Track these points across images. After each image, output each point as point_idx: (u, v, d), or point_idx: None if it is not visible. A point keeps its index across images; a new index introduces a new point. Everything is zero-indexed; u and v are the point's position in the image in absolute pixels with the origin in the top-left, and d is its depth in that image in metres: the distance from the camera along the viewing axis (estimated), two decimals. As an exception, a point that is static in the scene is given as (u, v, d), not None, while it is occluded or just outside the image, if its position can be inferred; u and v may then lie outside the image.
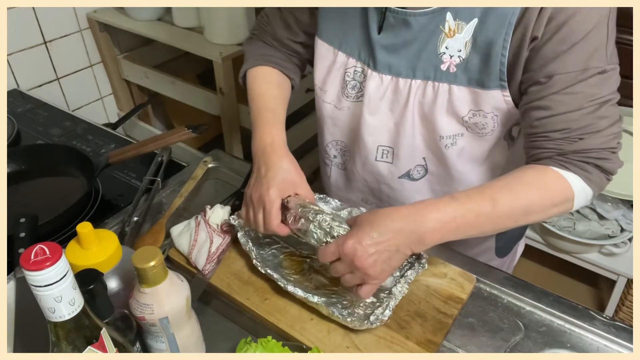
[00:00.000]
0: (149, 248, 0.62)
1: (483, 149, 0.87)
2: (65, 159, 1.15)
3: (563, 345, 0.75)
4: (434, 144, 0.87)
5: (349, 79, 0.90)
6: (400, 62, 0.82)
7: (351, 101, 0.92)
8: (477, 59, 0.77)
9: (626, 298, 1.70)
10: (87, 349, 0.52)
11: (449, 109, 0.82)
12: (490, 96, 0.78)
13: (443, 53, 0.79)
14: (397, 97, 0.85)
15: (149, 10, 1.72)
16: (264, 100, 0.94)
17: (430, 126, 0.85)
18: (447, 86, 0.80)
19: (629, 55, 1.60)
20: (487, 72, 0.76)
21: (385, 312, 0.74)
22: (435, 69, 0.80)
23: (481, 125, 0.82)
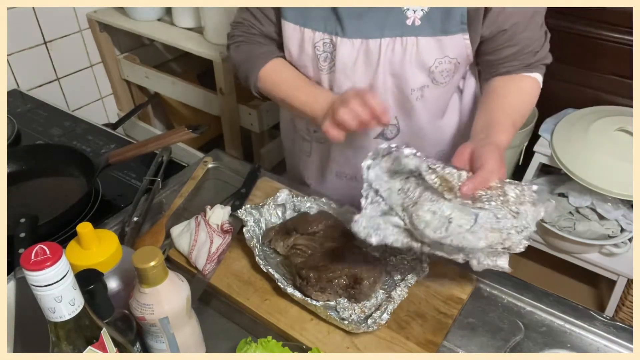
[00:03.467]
0: (149, 248, 0.63)
1: (444, 100, 0.98)
2: (65, 159, 1.15)
3: (563, 345, 0.75)
4: (404, 98, 0.94)
5: (319, 52, 0.93)
6: (369, 24, 0.88)
7: (326, 74, 0.95)
8: (439, 9, 0.85)
9: (626, 298, 1.70)
10: (87, 349, 0.52)
11: (417, 60, 0.88)
12: (453, 41, 0.87)
13: (407, 9, 0.86)
14: (368, 58, 0.90)
15: (149, 10, 1.72)
16: (297, 81, 0.97)
17: (401, 82, 0.91)
18: (414, 39, 0.87)
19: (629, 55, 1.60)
20: (449, 20, 0.85)
21: (383, 316, 0.74)
22: (401, 25, 0.86)
23: (445, 73, 0.91)
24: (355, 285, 0.78)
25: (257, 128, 1.68)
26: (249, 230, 0.87)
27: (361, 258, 0.81)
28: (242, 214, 0.90)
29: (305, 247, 0.85)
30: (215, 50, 1.54)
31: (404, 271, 0.83)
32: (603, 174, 1.55)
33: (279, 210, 0.95)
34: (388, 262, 0.85)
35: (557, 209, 1.74)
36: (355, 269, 0.79)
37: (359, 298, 0.78)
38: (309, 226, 0.87)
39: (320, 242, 0.86)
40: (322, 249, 0.85)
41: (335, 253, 0.83)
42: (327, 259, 0.81)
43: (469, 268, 0.85)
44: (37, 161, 1.16)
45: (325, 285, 0.78)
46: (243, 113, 1.66)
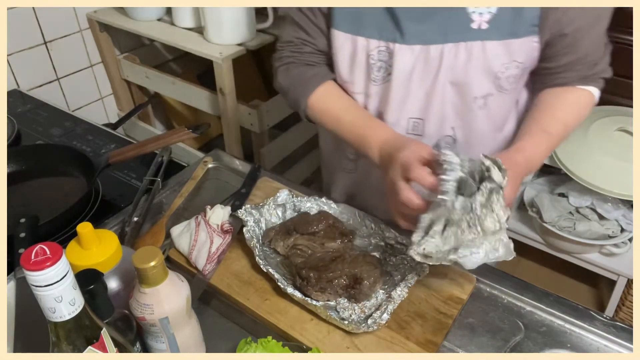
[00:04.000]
0: (149, 248, 0.63)
1: (507, 109, 0.92)
2: (66, 159, 1.15)
3: (563, 345, 0.75)
4: (466, 107, 0.89)
5: (373, 62, 0.89)
6: (430, 29, 0.83)
7: (379, 84, 0.91)
8: (508, 11, 0.80)
9: (626, 298, 1.70)
10: (87, 349, 0.52)
11: (483, 66, 0.84)
12: (522, 44, 0.82)
13: (473, 12, 0.81)
14: (427, 66, 0.86)
15: (149, 10, 1.72)
16: (349, 113, 0.92)
17: (463, 89, 0.87)
18: (480, 44, 0.82)
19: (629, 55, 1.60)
20: (519, 21, 0.80)
21: (384, 316, 0.74)
22: (466, 29, 0.81)
23: (512, 79, 0.86)
24: (355, 285, 0.78)
25: (257, 128, 1.68)
26: (249, 230, 0.87)
27: (361, 258, 0.81)
28: (242, 214, 0.90)
29: (305, 247, 0.85)
30: (215, 50, 1.54)
31: (404, 271, 0.83)
32: (603, 174, 1.55)
33: (279, 210, 0.95)
34: (388, 262, 0.85)
35: (557, 209, 1.74)
36: (355, 269, 0.79)
37: (359, 298, 0.78)
38: (309, 226, 0.87)
39: (321, 242, 0.86)
40: (322, 249, 0.85)
41: (335, 253, 0.83)
42: (327, 259, 0.81)
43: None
44: (37, 161, 1.16)
45: (325, 285, 0.78)
46: (243, 113, 1.66)
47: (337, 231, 0.88)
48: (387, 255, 0.86)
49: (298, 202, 0.95)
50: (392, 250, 0.87)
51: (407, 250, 0.74)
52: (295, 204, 0.95)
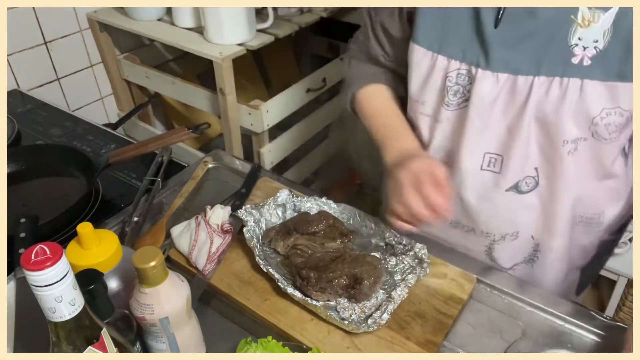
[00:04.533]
0: (149, 248, 0.63)
1: (605, 161, 0.80)
2: (66, 159, 1.15)
3: (563, 345, 0.75)
4: (553, 150, 0.79)
5: (450, 84, 0.81)
6: (521, 57, 0.74)
7: (452, 110, 0.83)
8: (618, 48, 0.69)
9: (626, 298, 1.70)
10: (87, 349, 0.52)
11: (578, 108, 0.73)
12: (630, 90, 0.71)
13: (575, 45, 0.71)
14: (513, 97, 0.77)
15: (149, 10, 1.72)
16: (383, 117, 0.92)
17: (551, 130, 0.77)
18: (579, 82, 0.72)
19: (629, 55, 1.59)
20: (631, 61, 0.69)
21: (384, 316, 0.74)
22: (564, 63, 0.72)
23: (612, 127, 0.75)
24: (355, 286, 0.78)
25: (257, 128, 1.68)
26: (249, 230, 0.87)
27: (361, 258, 0.81)
28: (242, 214, 0.90)
29: (305, 247, 0.85)
30: (216, 50, 1.54)
31: (404, 271, 0.83)
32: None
33: (279, 210, 0.95)
34: (388, 262, 0.85)
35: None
36: (355, 269, 0.79)
37: (359, 298, 0.78)
38: (309, 226, 0.87)
39: (321, 242, 0.86)
40: (323, 249, 0.85)
41: (335, 253, 0.83)
42: (327, 259, 0.81)
43: (469, 268, 0.85)
44: (37, 161, 1.16)
45: (325, 286, 0.78)
46: (243, 113, 1.66)
47: (337, 231, 0.88)
48: (388, 255, 0.86)
49: (298, 202, 0.95)
50: (393, 250, 0.87)
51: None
52: (295, 204, 0.95)
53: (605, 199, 0.87)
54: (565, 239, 0.89)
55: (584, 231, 0.91)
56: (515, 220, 0.88)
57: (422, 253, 0.83)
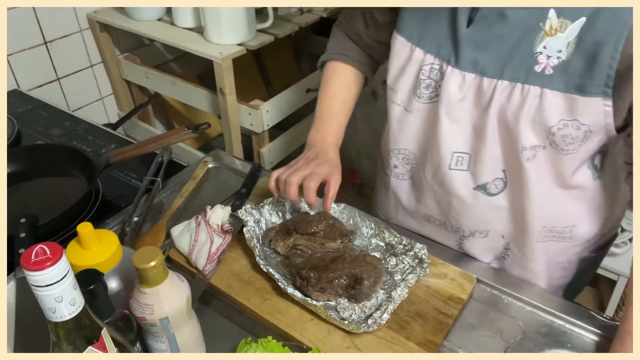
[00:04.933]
0: (149, 248, 0.63)
1: (564, 171, 0.80)
2: (66, 159, 1.15)
3: (563, 345, 0.75)
4: (514, 155, 0.79)
5: (423, 77, 0.83)
6: (489, 59, 0.75)
7: (423, 102, 0.85)
8: (580, 62, 0.69)
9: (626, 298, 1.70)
10: (87, 349, 0.52)
11: (536, 116, 0.74)
12: (588, 104, 0.71)
13: (539, 53, 0.71)
14: (479, 98, 0.78)
15: (149, 10, 1.72)
16: (333, 100, 1.00)
17: (512, 135, 0.77)
18: (538, 90, 0.72)
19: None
20: (590, 77, 0.69)
21: (384, 316, 0.74)
22: (527, 70, 0.73)
23: (569, 139, 0.74)
24: (355, 286, 0.78)
25: (257, 128, 1.68)
26: (249, 230, 0.87)
27: (361, 258, 0.81)
28: (242, 214, 0.90)
29: (305, 247, 0.85)
30: (216, 50, 1.54)
31: (404, 271, 0.83)
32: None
33: (279, 210, 0.95)
34: (388, 262, 0.85)
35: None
36: (355, 269, 0.79)
37: (359, 298, 0.78)
38: (309, 226, 0.87)
39: (321, 242, 0.86)
40: (323, 249, 0.85)
41: (335, 253, 0.83)
42: (328, 259, 0.81)
43: (469, 268, 0.85)
44: (37, 161, 1.16)
45: (325, 286, 0.78)
46: (243, 113, 1.66)
47: (337, 231, 0.88)
48: (388, 255, 0.86)
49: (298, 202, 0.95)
50: (393, 250, 0.87)
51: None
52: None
53: (574, 212, 0.87)
54: (540, 254, 0.90)
55: (559, 247, 0.90)
56: (484, 219, 0.89)
57: (422, 253, 0.84)
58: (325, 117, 0.98)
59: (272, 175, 0.89)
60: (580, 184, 0.83)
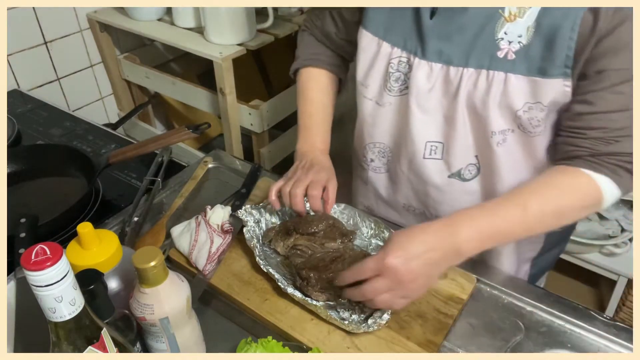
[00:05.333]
0: (149, 248, 0.62)
1: (534, 152, 0.83)
2: (66, 159, 1.15)
3: (563, 345, 0.75)
4: (485, 141, 0.82)
5: (392, 71, 0.85)
6: (453, 49, 0.77)
7: (394, 96, 0.87)
8: (540, 45, 0.72)
9: (626, 298, 1.70)
10: (87, 349, 0.52)
11: (502, 100, 0.76)
12: (550, 86, 0.73)
13: (501, 39, 0.74)
14: (447, 87, 0.80)
15: (150, 10, 1.72)
16: (313, 106, 1.00)
17: (481, 121, 0.80)
18: (503, 75, 0.75)
19: (629, 55, 1.59)
20: (550, 59, 0.71)
21: (384, 316, 0.74)
22: (490, 57, 0.75)
23: (535, 121, 0.77)
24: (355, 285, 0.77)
25: (257, 128, 1.68)
26: (249, 230, 0.87)
27: (361, 258, 0.81)
28: (242, 214, 0.90)
29: (305, 248, 0.85)
30: (216, 50, 1.54)
31: None
32: (603, 174, 1.55)
33: (279, 210, 0.95)
34: None
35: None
36: None
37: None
38: (309, 226, 0.87)
39: (321, 242, 0.86)
40: (323, 249, 0.85)
41: (335, 253, 0.83)
42: (328, 259, 0.81)
43: (469, 268, 0.85)
44: (37, 161, 1.16)
45: (325, 286, 0.78)
46: (243, 113, 1.66)
47: (337, 231, 0.88)
48: None
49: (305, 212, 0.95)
50: None
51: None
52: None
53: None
54: None
55: None
56: (461, 205, 0.88)
57: None
58: (310, 125, 0.98)
59: (272, 189, 0.89)
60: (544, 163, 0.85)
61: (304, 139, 0.97)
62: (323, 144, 0.98)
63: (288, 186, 0.87)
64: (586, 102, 0.72)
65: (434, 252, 0.69)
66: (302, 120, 0.99)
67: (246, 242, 0.86)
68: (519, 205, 0.72)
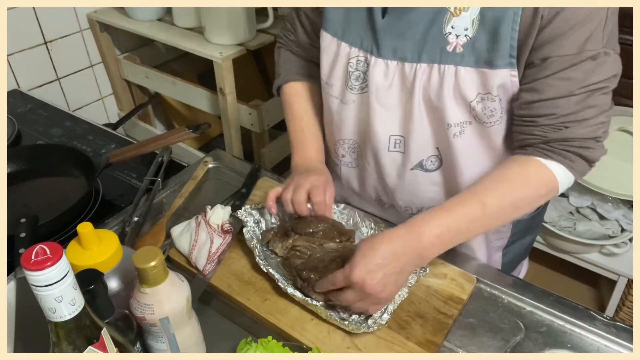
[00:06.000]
0: (149, 248, 0.63)
1: (489, 140, 0.84)
2: (66, 159, 1.15)
3: (563, 345, 0.75)
4: (443, 133, 0.84)
5: (351, 70, 0.87)
6: (406, 45, 0.79)
7: (356, 94, 0.89)
8: (485, 37, 0.74)
9: (626, 298, 1.70)
10: (87, 349, 0.52)
11: (455, 93, 0.78)
12: (498, 76, 0.75)
13: (449, 33, 0.76)
14: (404, 83, 0.82)
15: (150, 10, 1.72)
16: (303, 121, 1.01)
17: (437, 114, 0.82)
18: (453, 68, 0.77)
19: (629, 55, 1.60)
20: (496, 50, 0.73)
21: (384, 316, 0.74)
22: (440, 51, 0.77)
23: (489, 112, 0.79)
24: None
25: (257, 128, 1.68)
26: (249, 230, 0.87)
27: None
28: (242, 214, 0.90)
29: (304, 248, 0.85)
30: (216, 50, 1.54)
31: None
32: (603, 174, 1.55)
33: (279, 210, 0.95)
34: None
35: (557, 209, 1.74)
36: None
37: None
38: (307, 227, 0.87)
39: (319, 243, 0.86)
40: (322, 249, 0.85)
41: (334, 253, 0.83)
42: (327, 260, 0.81)
43: (469, 268, 0.85)
44: (37, 161, 1.16)
45: None
46: (243, 113, 1.66)
47: (336, 231, 0.88)
48: None
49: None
50: None
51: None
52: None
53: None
54: None
55: None
56: (427, 195, 0.94)
57: None
58: (302, 141, 0.99)
59: (271, 195, 0.89)
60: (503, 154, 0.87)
61: (299, 154, 0.98)
62: (317, 155, 0.98)
63: (288, 192, 0.88)
64: (534, 90, 0.74)
65: (399, 260, 0.72)
66: (293, 137, 1.00)
67: (246, 242, 0.86)
68: (478, 203, 0.74)
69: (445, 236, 0.73)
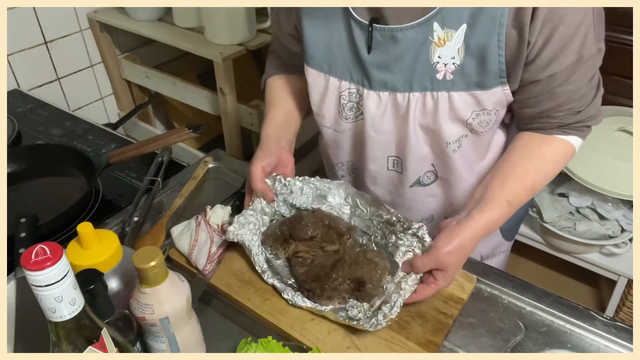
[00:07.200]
0: (149, 248, 0.63)
1: (485, 145, 0.91)
2: (66, 159, 1.15)
3: (563, 345, 0.75)
4: (441, 150, 0.88)
5: (344, 102, 0.89)
6: (395, 77, 0.82)
7: (351, 122, 0.92)
8: (472, 63, 0.77)
9: (626, 298, 1.70)
10: (87, 348, 0.52)
11: (451, 114, 0.82)
12: (491, 94, 0.79)
13: (437, 62, 0.78)
14: (397, 111, 0.85)
15: (150, 10, 1.72)
16: (274, 105, 1.02)
17: (435, 135, 0.85)
18: (446, 94, 0.80)
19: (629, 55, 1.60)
20: (485, 73, 0.77)
21: (394, 310, 0.73)
22: (431, 79, 0.79)
23: (484, 123, 0.84)
24: (360, 288, 0.77)
25: (257, 128, 1.68)
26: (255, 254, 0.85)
27: (362, 256, 0.81)
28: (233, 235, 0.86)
29: (305, 254, 0.84)
30: (216, 50, 1.54)
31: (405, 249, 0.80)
32: (603, 174, 1.55)
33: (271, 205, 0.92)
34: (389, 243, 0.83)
35: (557, 209, 1.74)
36: (356, 272, 0.78)
37: (367, 299, 0.77)
38: (304, 232, 0.85)
39: (320, 246, 0.85)
40: (323, 253, 0.84)
41: (335, 256, 0.82)
42: (328, 265, 0.80)
43: (469, 268, 0.85)
44: (37, 161, 1.16)
45: (331, 294, 0.77)
46: (243, 113, 1.66)
47: (334, 232, 0.86)
48: (387, 233, 0.84)
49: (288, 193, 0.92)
50: (392, 228, 0.85)
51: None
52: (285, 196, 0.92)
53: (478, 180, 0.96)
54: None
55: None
56: (426, 207, 0.99)
57: (420, 232, 0.80)
58: (267, 120, 1.00)
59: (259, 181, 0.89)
60: (496, 145, 0.94)
61: (261, 135, 0.99)
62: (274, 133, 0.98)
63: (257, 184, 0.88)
64: (548, 100, 0.79)
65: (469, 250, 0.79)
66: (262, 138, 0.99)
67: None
68: (505, 202, 0.79)
69: (484, 233, 0.79)
